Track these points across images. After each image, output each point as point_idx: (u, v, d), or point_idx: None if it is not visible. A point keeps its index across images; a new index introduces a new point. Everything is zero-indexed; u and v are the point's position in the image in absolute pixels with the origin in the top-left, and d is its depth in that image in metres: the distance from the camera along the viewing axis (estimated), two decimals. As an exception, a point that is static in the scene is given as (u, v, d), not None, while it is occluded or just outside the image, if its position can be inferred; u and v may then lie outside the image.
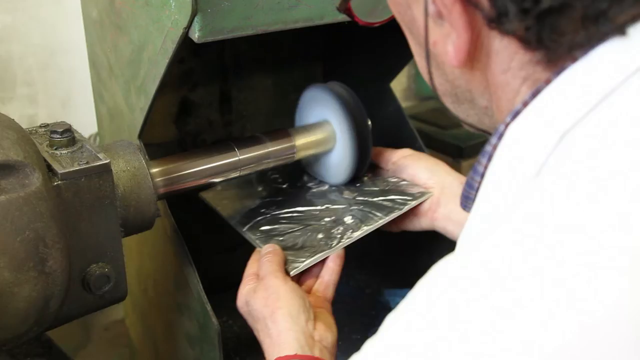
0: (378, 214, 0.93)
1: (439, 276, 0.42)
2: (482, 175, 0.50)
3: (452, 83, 0.53)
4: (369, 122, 0.96)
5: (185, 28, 0.73)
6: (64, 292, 0.69)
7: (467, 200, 0.53)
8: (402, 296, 0.83)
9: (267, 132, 0.94)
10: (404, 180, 0.98)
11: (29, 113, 1.52)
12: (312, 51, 1.29)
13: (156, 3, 0.78)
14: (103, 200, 0.72)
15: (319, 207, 0.97)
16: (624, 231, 0.36)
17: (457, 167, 1.71)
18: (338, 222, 0.93)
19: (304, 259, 0.86)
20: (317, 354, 0.73)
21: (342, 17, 0.83)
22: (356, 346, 0.47)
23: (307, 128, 0.97)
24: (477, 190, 0.51)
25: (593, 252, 0.36)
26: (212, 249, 1.25)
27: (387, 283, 1.25)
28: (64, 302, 0.70)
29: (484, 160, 0.50)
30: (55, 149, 0.73)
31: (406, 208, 0.92)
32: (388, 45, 1.18)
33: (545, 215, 0.38)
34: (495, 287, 0.37)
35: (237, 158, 0.89)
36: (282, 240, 0.90)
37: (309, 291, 0.86)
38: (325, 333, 0.76)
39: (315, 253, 0.86)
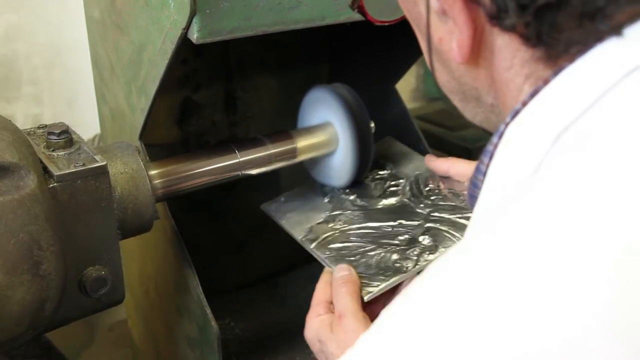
0: (456, 234, 0.88)
1: (434, 273, 0.42)
2: (485, 174, 0.50)
3: (459, 80, 0.53)
4: (372, 125, 0.95)
5: (184, 29, 0.72)
6: (60, 295, 0.69)
7: (472, 199, 0.53)
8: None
9: (268, 134, 0.93)
10: None
11: (35, 112, 1.52)
12: (318, 52, 1.28)
13: (155, 3, 0.77)
14: (100, 203, 0.71)
15: (391, 223, 0.91)
16: (610, 236, 0.35)
17: (464, 169, 1.70)
18: (413, 242, 0.88)
19: (378, 283, 0.80)
20: None
21: (344, 18, 0.82)
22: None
23: (309, 130, 0.96)
24: (481, 188, 0.51)
25: (576, 259, 0.35)
26: (215, 250, 1.24)
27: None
28: (60, 305, 0.70)
29: (485, 160, 0.50)
30: (52, 151, 0.72)
31: None
32: (394, 46, 1.17)
33: (536, 216, 0.38)
34: (481, 289, 0.37)
35: (237, 160, 0.88)
36: (353, 260, 0.84)
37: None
38: None
39: (390, 277, 0.81)
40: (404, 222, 0.91)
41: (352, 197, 0.99)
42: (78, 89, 1.54)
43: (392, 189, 1.00)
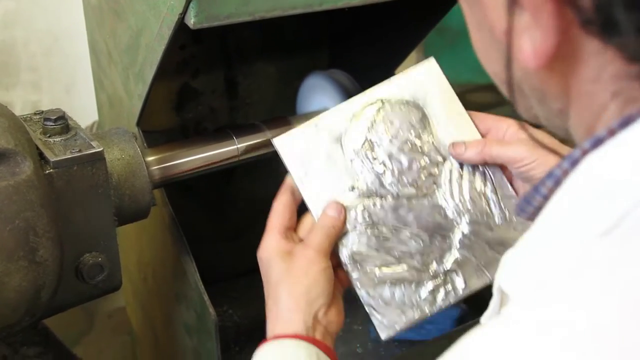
0: (488, 273, 0.78)
1: (475, 345, 0.36)
2: (545, 197, 0.44)
3: (519, 79, 0.45)
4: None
5: (181, 14, 0.72)
6: (56, 281, 0.69)
7: (522, 213, 0.48)
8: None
9: (266, 120, 0.92)
10: None
11: (33, 99, 1.51)
12: (317, 37, 1.27)
13: (152, -12, 0.77)
14: (96, 189, 0.71)
15: (423, 237, 0.78)
16: None
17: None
18: (438, 275, 0.78)
19: (397, 321, 0.76)
20: (318, 336, 0.72)
21: (342, 3, 0.81)
22: (357, 336, 0.45)
23: (308, 116, 0.95)
24: (535, 207, 0.46)
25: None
26: (213, 237, 1.24)
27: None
28: (57, 291, 0.70)
29: (549, 183, 0.43)
30: (49, 137, 0.72)
31: None
32: (394, 31, 1.16)
33: (590, 302, 0.32)
34: None
35: (235, 146, 0.87)
36: (372, 287, 0.77)
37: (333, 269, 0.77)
38: (333, 319, 0.74)
39: (410, 319, 0.76)
40: (437, 241, 0.78)
41: (383, 171, 0.78)
42: (76, 76, 1.54)
43: (433, 170, 0.79)
